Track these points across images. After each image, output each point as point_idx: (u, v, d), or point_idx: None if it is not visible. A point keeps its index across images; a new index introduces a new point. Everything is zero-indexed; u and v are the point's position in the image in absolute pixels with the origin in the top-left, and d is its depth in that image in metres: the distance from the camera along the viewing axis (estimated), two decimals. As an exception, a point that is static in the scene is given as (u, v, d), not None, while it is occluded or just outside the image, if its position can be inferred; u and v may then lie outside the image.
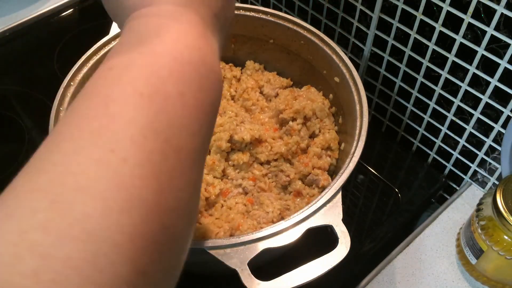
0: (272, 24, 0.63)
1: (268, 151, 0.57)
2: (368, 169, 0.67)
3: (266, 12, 0.63)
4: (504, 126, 0.56)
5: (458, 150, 0.64)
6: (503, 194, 0.49)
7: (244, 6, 0.63)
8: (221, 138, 0.56)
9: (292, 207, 0.54)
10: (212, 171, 0.56)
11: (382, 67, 0.66)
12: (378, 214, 0.64)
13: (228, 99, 0.65)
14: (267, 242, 0.43)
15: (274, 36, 0.65)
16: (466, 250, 0.55)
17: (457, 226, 0.61)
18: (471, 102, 0.58)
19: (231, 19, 0.33)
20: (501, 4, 0.48)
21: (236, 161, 0.57)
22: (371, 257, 0.58)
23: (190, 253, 0.27)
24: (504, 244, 0.49)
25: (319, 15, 0.71)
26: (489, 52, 0.52)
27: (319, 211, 0.45)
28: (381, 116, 0.73)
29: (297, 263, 0.42)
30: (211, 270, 0.55)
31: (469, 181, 0.66)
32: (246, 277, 0.41)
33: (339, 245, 0.43)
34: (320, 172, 0.56)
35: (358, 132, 0.51)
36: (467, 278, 0.56)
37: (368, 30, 0.64)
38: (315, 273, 0.42)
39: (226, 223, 0.52)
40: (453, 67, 0.57)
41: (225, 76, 0.67)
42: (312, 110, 0.60)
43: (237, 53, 0.69)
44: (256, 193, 0.56)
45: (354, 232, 0.60)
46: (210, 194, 0.54)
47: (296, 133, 0.59)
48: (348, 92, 0.56)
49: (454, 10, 0.52)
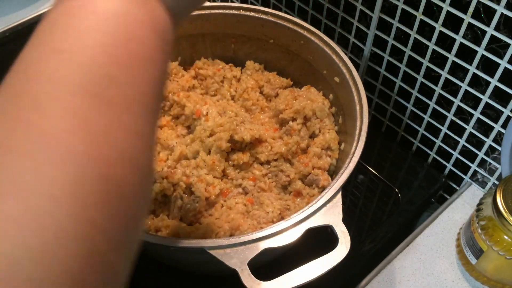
0: (272, 24, 0.63)
1: (268, 151, 0.57)
2: (368, 169, 0.67)
3: (266, 12, 0.63)
4: (504, 126, 0.56)
5: (458, 150, 0.64)
6: (503, 194, 0.49)
7: (244, 6, 0.63)
8: (221, 138, 0.56)
9: (292, 207, 0.54)
10: (212, 171, 0.56)
11: (382, 67, 0.66)
12: (378, 214, 0.64)
13: (228, 99, 0.65)
14: (267, 242, 0.43)
15: (274, 36, 0.65)
16: (466, 250, 0.55)
17: (457, 226, 0.61)
18: (471, 102, 0.58)
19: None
20: (501, 4, 0.48)
21: (236, 161, 0.57)
22: (371, 257, 0.58)
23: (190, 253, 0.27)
24: (504, 244, 0.49)
25: (319, 15, 0.71)
26: (489, 52, 0.52)
27: (319, 211, 0.45)
28: (381, 116, 0.73)
29: (297, 263, 0.42)
30: (211, 270, 0.55)
31: (469, 181, 0.66)
32: (246, 277, 0.41)
33: (339, 245, 0.43)
34: (320, 172, 0.56)
35: (358, 132, 0.51)
36: (467, 278, 0.56)
37: (368, 30, 0.64)
38: (315, 273, 0.42)
39: (226, 223, 0.52)
40: (453, 67, 0.57)
41: (225, 76, 0.67)
42: (312, 110, 0.60)
43: (237, 53, 0.69)
44: (256, 193, 0.56)
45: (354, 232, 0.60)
46: (210, 194, 0.54)
47: (296, 133, 0.59)
48: (348, 92, 0.56)
49: (454, 10, 0.52)
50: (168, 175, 0.55)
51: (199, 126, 0.59)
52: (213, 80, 0.66)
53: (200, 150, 0.57)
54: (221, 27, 0.66)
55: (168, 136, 0.60)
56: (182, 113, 0.62)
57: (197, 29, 0.66)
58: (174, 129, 0.63)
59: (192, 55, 0.68)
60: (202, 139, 0.58)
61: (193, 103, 0.61)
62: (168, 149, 0.59)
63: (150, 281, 0.58)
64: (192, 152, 0.57)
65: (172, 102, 0.63)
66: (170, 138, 0.60)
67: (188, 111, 0.61)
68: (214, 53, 0.69)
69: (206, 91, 0.66)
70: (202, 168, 0.56)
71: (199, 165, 0.56)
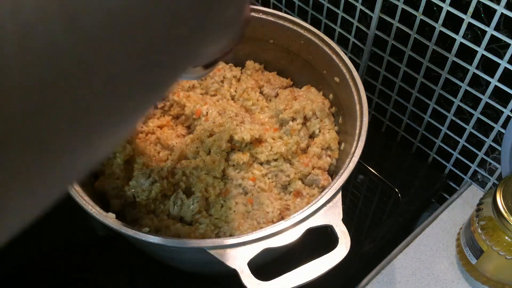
0: (272, 24, 0.63)
1: (268, 151, 0.57)
2: (368, 169, 0.67)
3: (266, 12, 0.63)
4: (504, 126, 0.56)
5: (458, 150, 0.64)
6: (503, 194, 0.49)
7: (244, 6, 0.63)
8: (221, 138, 0.56)
9: (292, 207, 0.54)
10: (212, 171, 0.56)
11: (382, 67, 0.66)
12: (378, 214, 0.64)
13: (228, 99, 0.65)
14: (267, 242, 0.43)
15: (274, 36, 0.65)
16: (466, 250, 0.55)
17: (457, 226, 0.61)
18: (471, 102, 0.58)
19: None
20: (501, 4, 0.48)
21: (236, 161, 0.57)
22: (371, 257, 0.58)
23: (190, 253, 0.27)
24: (504, 244, 0.49)
25: (319, 15, 0.71)
26: (489, 52, 0.52)
27: (319, 211, 0.45)
28: (381, 116, 0.73)
29: (297, 263, 0.42)
30: (211, 270, 0.55)
31: (469, 181, 0.66)
32: (246, 277, 0.41)
33: (339, 245, 0.43)
34: (320, 172, 0.56)
35: (358, 132, 0.51)
36: (467, 278, 0.56)
37: (368, 30, 0.64)
38: (315, 273, 0.42)
39: (226, 223, 0.52)
40: (453, 67, 0.57)
41: (225, 76, 0.67)
42: (312, 110, 0.60)
43: (237, 53, 0.69)
44: (256, 193, 0.56)
45: (354, 232, 0.60)
46: (210, 194, 0.54)
47: (296, 133, 0.59)
48: (348, 92, 0.56)
49: (454, 10, 0.52)
50: (168, 175, 0.55)
51: (199, 126, 0.59)
52: (213, 80, 0.66)
53: (200, 150, 0.57)
54: (221, 27, 0.66)
55: (168, 136, 0.60)
56: (182, 113, 0.62)
57: (197, 29, 0.66)
58: (174, 129, 0.63)
59: (192, 55, 0.68)
60: (202, 139, 0.58)
61: (193, 103, 0.61)
62: (168, 149, 0.59)
63: (150, 281, 0.58)
64: (192, 152, 0.57)
65: (172, 102, 0.63)
66: (170, 138, 0.60)
67: (188, 111, 0.61)
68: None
69: (206, 91, 0.66)
70: (202, 168, 0.56)
71: (199, 165, 0.56)
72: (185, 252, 0.46)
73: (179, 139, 0.60)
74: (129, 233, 0.44)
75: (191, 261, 0.52)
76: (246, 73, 0.68)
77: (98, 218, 0.44)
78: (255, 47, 0.67)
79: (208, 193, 0.54)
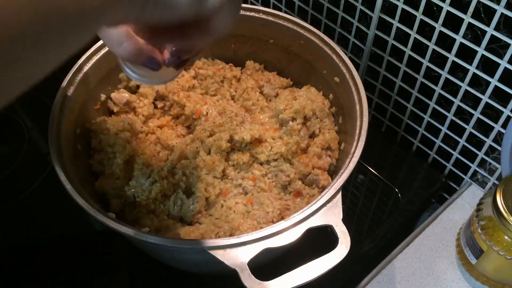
0: (272, 24, 0.63)
1: (268, 151, 0.57)
2: (368, 169, 0.67)
3: (266, 12, 0.63)
4: (504, 126, 0.56)
5: (458, 150, 0.64)
6: (503, 194, 0.49)
7: (244, 6, 0.63)
8: (221, 138, 0.56)
9: (292, 207, 0.54)
10: (212, 171, 0.56)
11: (382, 67, 0.66)
12: (378, 214, 0.64)
13: (228, 99, 0.65)
14: (267, 242, 0.43)
15: (274, 36, 0.65)
16: (466, 250, 0.55)
17: (457, 226, 0.61)
18: (471, 102, 0.58)
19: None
20: (501, 4, 0.48)
21: (236, 161, 0.57)
22: (371, 257, 0.58)
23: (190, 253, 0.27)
24: (504, 244, 0.49)
25: (319, 15, 0.71)
26: (489, 52, 0.52)
27: (319, 211, 0.45)
28: (381, 116, 0.73)
29: (297, 263, 0.42)
30: (211, 270, 0.55)
31: (469, 181, 0.66)
32: (246, 277, 0.41)
33: (339, 245, 0.43)
34: (320, 172, 0.56)
35: (358, 132, 0.51)
36: (467, 278, 0.56)
37: (368, 30, 0.64)
38: (315, 273, 0.42)
39: (226, 223, 0.52)
40: (453, 67, 0.57)
41: (225, 76, 0.67)
42: (312, 110, 0.60)
43: (237, 53, 0.69)
44: (256, 193, 0.56)
45: (354, 232, 0.60)
46: (210, 194, 0.54)
47: (296, 133, 0.59)
48: (348, 92, 0.56)
49: (454, 10, 0.52)
50: (168, 175, 0.55)
51: (199, 126, 0.59)
52: (213, 80, 0.66)
53: (200, 150, 0.57)
54: (221, 27, 0.66)
55: (168, 136, 0.60)
56: (182, 113, 0.62)
57: (197, 29, 0.66)
58: (174, 129, 0.63)
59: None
60: (202, 139, 0.58)
61: (193, 103, 0.61)
62: (168, 149, 0.59)
63: (150, 281, 0.58)
64: (192, 152, 0.57)
65: (172, 102, 0.63)
66: (170, 138, 0.60)
67: (188, 111, 0.61)
68: (214, 53, 0.69)
69: (206, 91, 0.66)
70: (202, 168, 0.56)
71: (199, 165, 0.56)
72: (185, 252, 0.46)
73: (179, 139, 0.60)
74: (129, 233, 0.44)
75: (191, 261, 0.52)
76: (246, 73, 0.68)
77: (98, 218, 0.44)
78: (255, 47, 0.67)
79: (208, 193, 0.54)
